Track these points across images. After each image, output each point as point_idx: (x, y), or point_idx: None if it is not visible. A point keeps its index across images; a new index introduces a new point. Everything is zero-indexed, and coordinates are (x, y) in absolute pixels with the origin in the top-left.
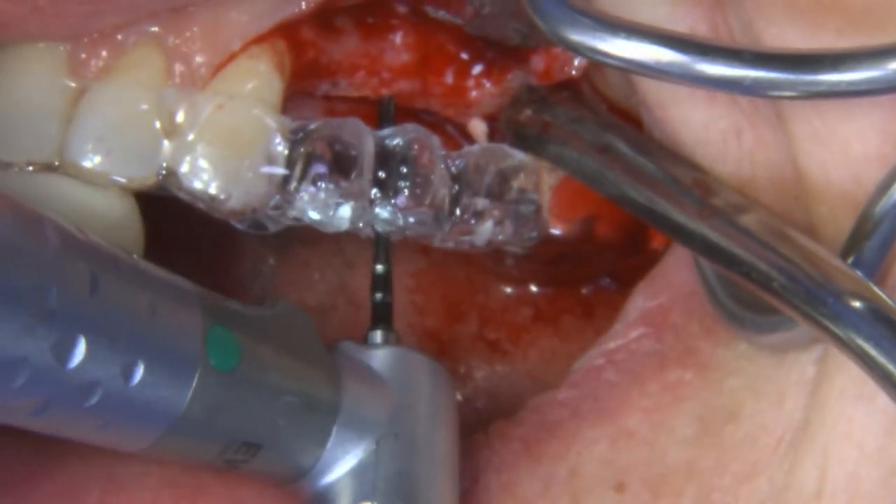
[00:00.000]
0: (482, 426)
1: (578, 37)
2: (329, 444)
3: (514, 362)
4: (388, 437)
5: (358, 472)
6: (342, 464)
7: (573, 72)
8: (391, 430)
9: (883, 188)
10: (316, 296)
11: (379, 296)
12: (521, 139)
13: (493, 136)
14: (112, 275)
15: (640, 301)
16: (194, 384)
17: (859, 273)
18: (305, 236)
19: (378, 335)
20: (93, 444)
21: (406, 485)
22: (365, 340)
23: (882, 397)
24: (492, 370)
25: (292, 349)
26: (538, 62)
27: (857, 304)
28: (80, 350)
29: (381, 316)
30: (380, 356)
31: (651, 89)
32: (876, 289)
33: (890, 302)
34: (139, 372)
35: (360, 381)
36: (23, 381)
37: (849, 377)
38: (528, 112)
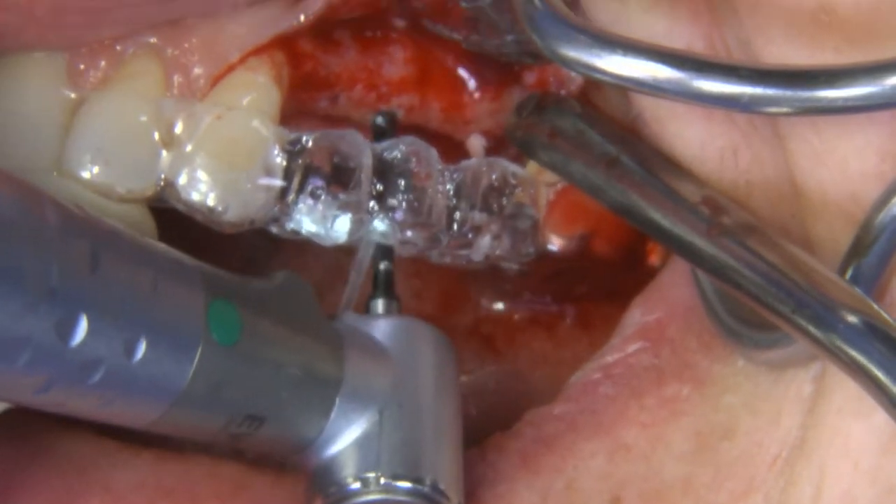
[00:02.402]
0: (474, 434)
1: (575, 53)
2: (333, 415)
3: (504, 362)
4: (391, 406)
5: (362, 443)
6: (346, 435)
7: (571, 89)
8: (394, 400)
9: (880, 204)
10: (311, 278)
11: (382, 265)
12: (526, 147)
13: (491, 152)
14: (113, 251)
15: (638, 315)
16: (197, 359)
17: (860, 291)
18: None
19: (380, 304)
20: (98, 421)
21: (410, 454)
22: (367, 310)
23: (879, 415)
24: (482, 367)
25: (294, 321)
26: (532, 78)
27: (860, 325)
28: (82, 327)
29: (384, 285)
30: (382, 325)
31: (648, 105)
32: (877, 306)
33: (890, 319)
34: (141, 348)
35: (362, 351)
36: (26, 359)
37: (846, 394)
38: (533, 119)
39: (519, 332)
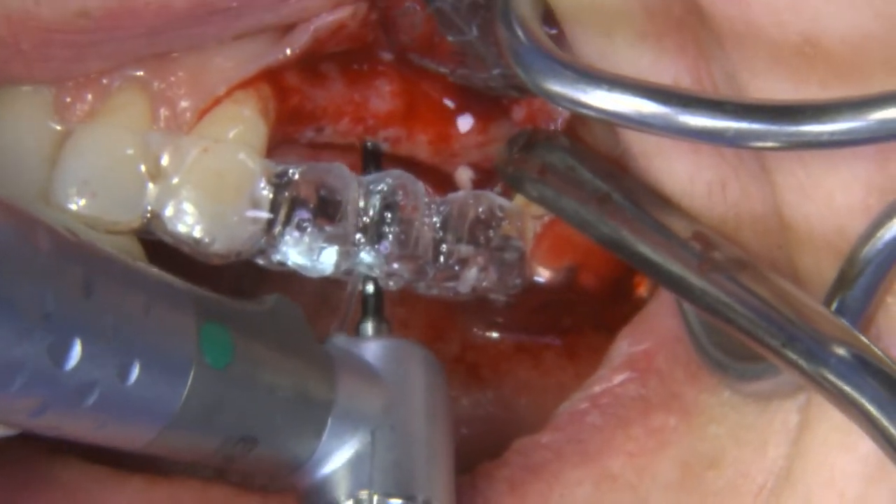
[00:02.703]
0: (463, 461)
1: (560, 88)
2: (325, 436)
3: (488, 388)
4: (383, 427)
5: (354, 463)
6: (339, 455)
7: (558, 124)
8: (386, 421)
9: (866, 238)
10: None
11: (370, 287)
12: (517, 183)
13: (478, 184)
14: (105, 276)
15: (625, 346)
16: (189, 381)
17: (850, 325)
18: None
19: (370, 327)
20: (94, 445)
21: (402, 474)
22: (357, 332)
23: (864, 445)
24: (468, 394)
25: (285, 343)
26: (520, 113)
27: (850, 358)
28: (76, 351)
29: (373, 307)
30: (372, 347)
31: (635, 140)
32: (867, 340)
33: (880, 353)
34: (135, 371)
35: (353, 373)
36: (21, 383)
37: (831, 425)
38: (524, 155)
39: (504, 361)
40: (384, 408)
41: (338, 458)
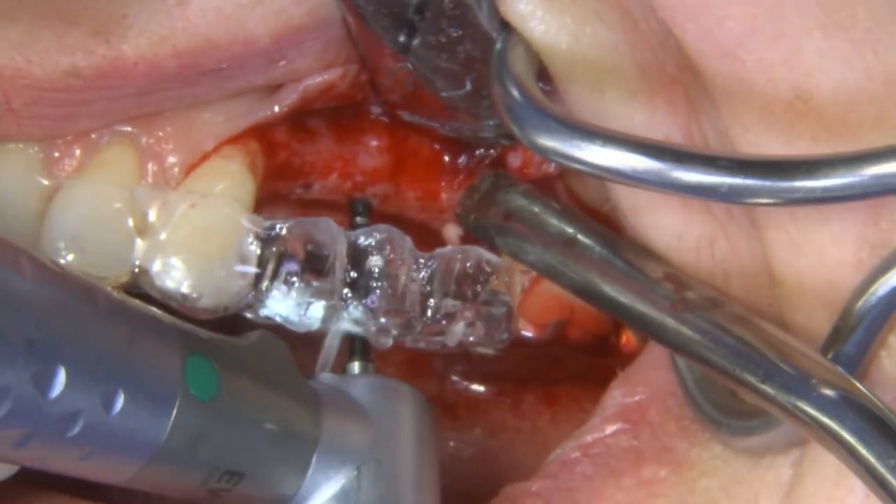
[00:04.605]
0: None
1: (553, 143)
2: (310, 471)
3: (462, 428)
4: (369, 463)
5: (340, 498)
6: (324, 490)
7: (550, 169)
8: (372, 457)
9: (860, 292)
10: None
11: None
12: (480, 231)
13: (467, 239)
14: (90, 306)
15: (618, 396)
16: (174, 413)
17: (834, 364)
18: None
19: (356, 366)
20: (79, 479)
21: None
22: (343, 372)
23: (854, 499)
24: (441, 434)
25: (271, 378)
26: (516, 160)
27: (832, 393)
28: (60, 380)
29: (359, 349)
30: (359, 385)
31: (624, 196)
32: (851, 379)
33: (864, 390)
34: (119, 401)
35: (339, 408)
36: (4, 411)
37: (821, 478)
38: (486, 202)
39: (482, 402)
40: (370, 443)
41: (323, 494)
